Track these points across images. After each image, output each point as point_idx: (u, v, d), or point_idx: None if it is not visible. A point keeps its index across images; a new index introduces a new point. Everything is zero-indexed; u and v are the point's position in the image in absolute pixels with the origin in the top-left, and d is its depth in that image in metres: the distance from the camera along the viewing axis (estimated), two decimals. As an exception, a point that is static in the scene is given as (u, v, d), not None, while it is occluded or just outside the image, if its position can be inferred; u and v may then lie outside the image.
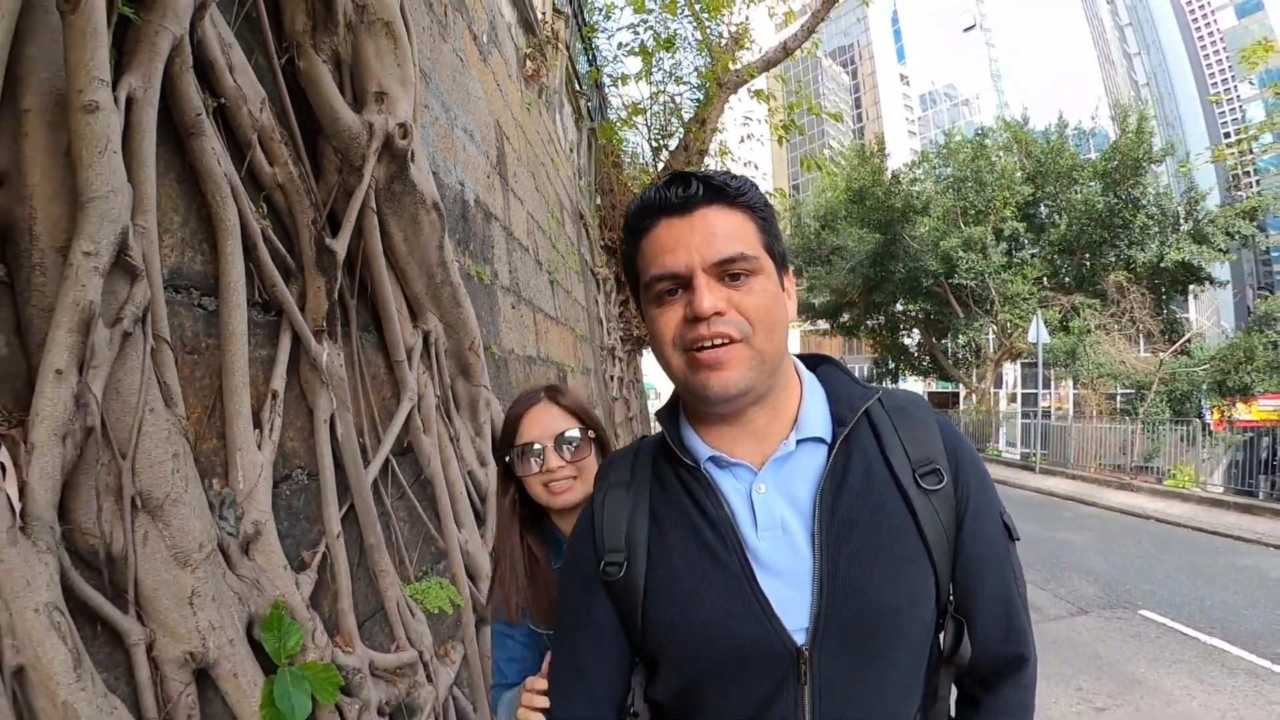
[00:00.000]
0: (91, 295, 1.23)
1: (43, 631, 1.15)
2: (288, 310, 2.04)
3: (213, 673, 1.54)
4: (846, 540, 1.06)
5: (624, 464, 1.26)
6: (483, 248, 4.78)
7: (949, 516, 1.12)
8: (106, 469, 1.32)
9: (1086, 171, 24.13)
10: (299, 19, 2.21)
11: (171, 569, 1.42)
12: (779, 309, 1.10)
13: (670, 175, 1.11)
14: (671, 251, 1.07)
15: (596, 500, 1.24)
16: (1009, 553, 1.20)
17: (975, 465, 1.17)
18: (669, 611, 1.10)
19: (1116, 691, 5.96)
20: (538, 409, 1.72)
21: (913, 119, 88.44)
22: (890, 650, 1.07)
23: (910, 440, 1.14)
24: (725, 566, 1.08)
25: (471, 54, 5.09)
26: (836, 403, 1.17)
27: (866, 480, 1.10)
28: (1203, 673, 6.26)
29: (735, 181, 1.10)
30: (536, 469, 1.66)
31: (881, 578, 1.05)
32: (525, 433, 1.69)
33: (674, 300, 1.09)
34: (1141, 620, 7.68)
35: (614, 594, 1.16)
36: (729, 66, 12.67)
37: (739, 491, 1.12)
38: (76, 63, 1.24)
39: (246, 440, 1.76)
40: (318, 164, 2.27)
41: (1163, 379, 20.47)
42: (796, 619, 1.05)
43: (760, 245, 1.10)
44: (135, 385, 1.35)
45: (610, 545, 1.16)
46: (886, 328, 33.20)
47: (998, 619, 1.17)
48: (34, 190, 1.28)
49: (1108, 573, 9.60)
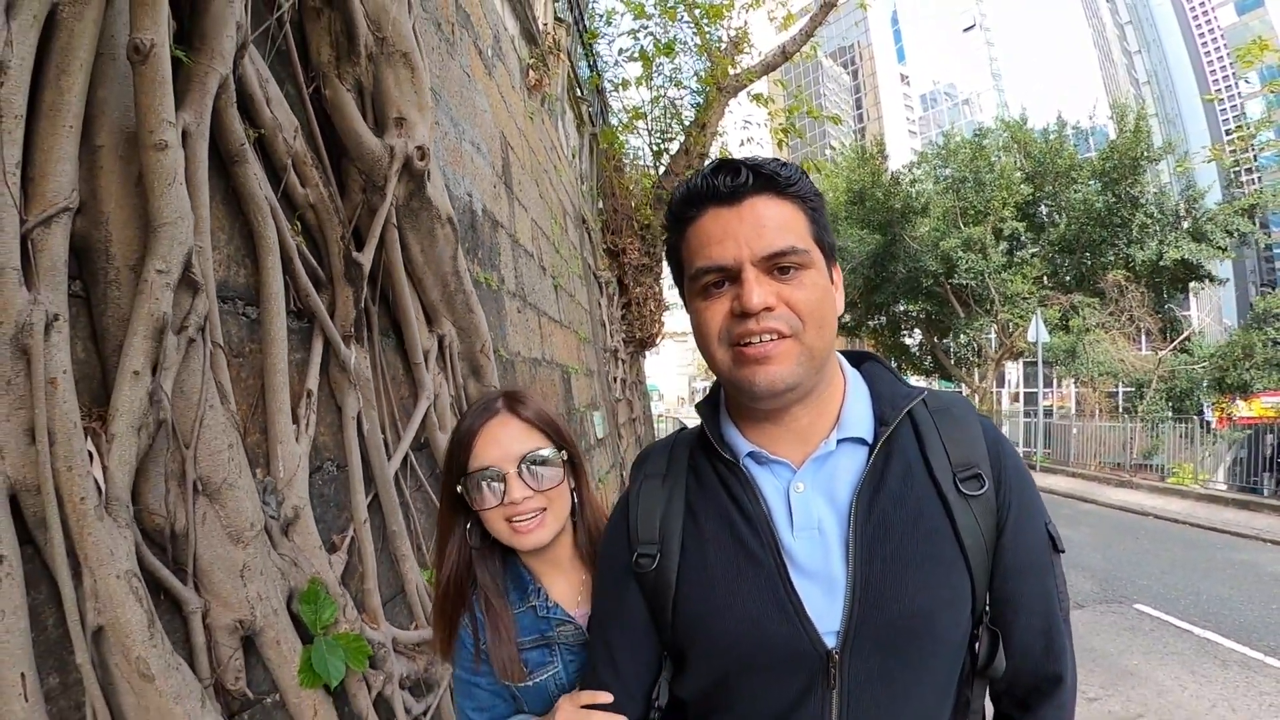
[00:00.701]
0: (164, 307, 1.43)
1: (123, 595, 1.34)
2: (319, 318, 2.24)
3: (258, 640, 1.73)
4: (882, 544, 1.05)
5: (660, 455, 1.24)
6: (490, 255, 4.98)
7: (989, 523, 1.09)
8: (172, 457, 1.53)
9: (1085, 171, 24.26)
10: (324, 51, 2.41)
11: (226, 545, 1.62)
12: (829, 304, 1.08)
13: (717, 162, 1.08)
14: (719, 243, 1.04)
15: (632, 491, 1.22)
16: (1052, 565, 1.16)
17: (1019, 471, 1.15)
18: (700, 607, 1.09)
19: (1109, 682, 6.10)
20: (495, 424, 1.43)
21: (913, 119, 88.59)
22: (922, 657, 1.06)
23: (952, 443, 1.11)
24: (759, 564, 1.07)
25: (477, 68, 5.29)
26: (880, 402, 1.15)
27: (905, 483, 1.08)
28: (1195, 664, 6.39)
29: (786, 170, 1.06)
30: (496, 500, 1.38)
31: (916, 583, 1.04)
32: (481, 454, 1.40)
33: (720, 293, 1.06)
34: (1136, 614, 7.82)
35: (644, 586, 1.15)
36: (728, 71, 12.75)
37: (777, 489, 1.11)
38: (146, 107, 1.44)
39: (286, 434, 1.97)
40: (344, 184, 2.47)
41: (1162, 376, 20.62)
42: (828, 621, 1.04)
43: (811, 237, 1.07)
44: (197, 385, 1.56)
45: (644, 537, 1.15)
46: (888, 328, 33.26)
47: (1036, 634, 1.13)
48: (109, 216, 1.48)
49: (1104, 568, 9.74)
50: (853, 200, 30.13)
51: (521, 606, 1.46)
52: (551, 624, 1.44)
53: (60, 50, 1.35)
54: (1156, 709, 5.59)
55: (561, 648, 1.44)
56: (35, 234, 1.27)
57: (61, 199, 1.31)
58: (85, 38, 1.36)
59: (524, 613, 1.46)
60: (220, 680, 1.64)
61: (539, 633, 1.44)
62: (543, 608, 1.45)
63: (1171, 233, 23.00)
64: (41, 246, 1.28)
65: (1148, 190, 23.42)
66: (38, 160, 1.30)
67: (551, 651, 1.44)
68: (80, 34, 1.35)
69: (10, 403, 1.22)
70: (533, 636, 1.44)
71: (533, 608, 1.45)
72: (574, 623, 1.44)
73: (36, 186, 1.29)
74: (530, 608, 1.46)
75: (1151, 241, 23.00)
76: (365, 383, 2.47)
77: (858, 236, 29.18)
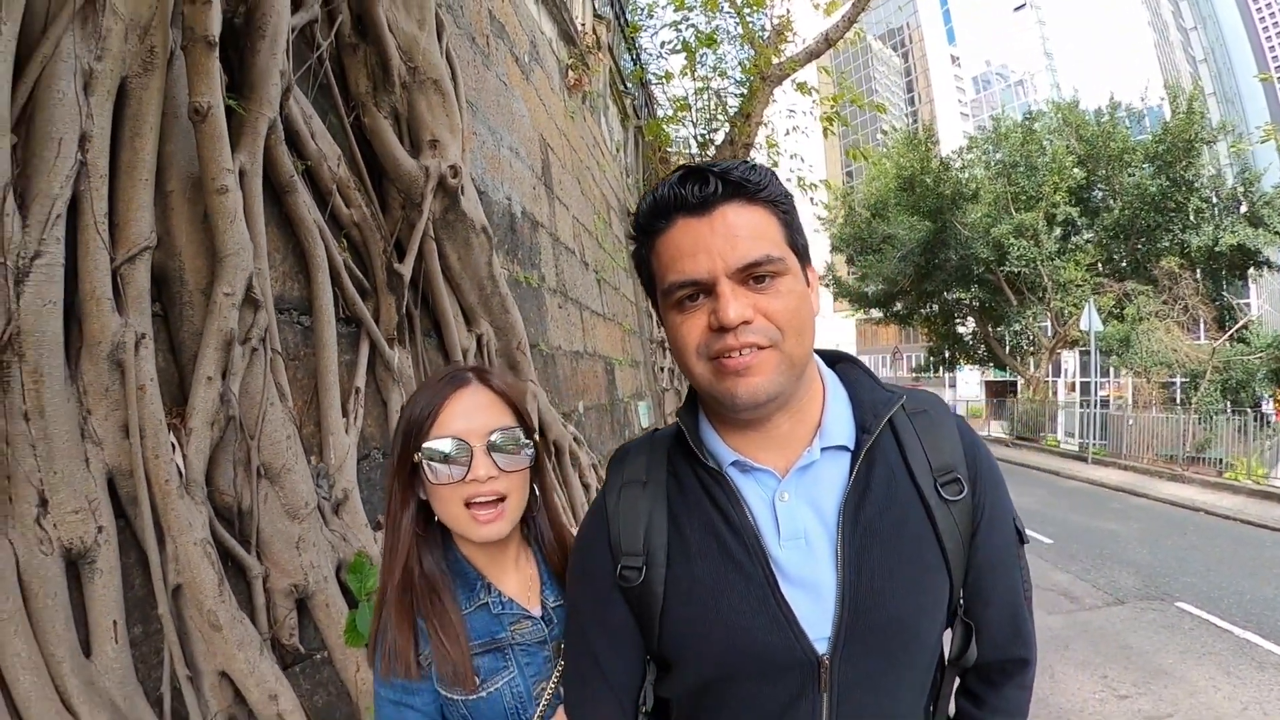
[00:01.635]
0: (231, 324, 1.73)
1: (198, 559, 1.65)
2: (365, 324, 2.54)
3: (309, 603, 2.03)
4: (869, 552, 1.05)
5: (638, 459, 1.21)
6: (530, 255, 5.26)
7: (966, 525, 1.11)
8: (239, 446, 1.83)
9: (1138, 154, 23.47)
10: (362, 82, 2.70)
11: (284, 521, 1.92)
12: (806, 309, 1.06)
13: (684, 170, 1.04)
14: (691, 256, 1.02)
15: (610, 498, 1.18)
16: (1019, 558, 1.20)
17: (992, 472, 1.17)
18: (689, 618, 1.08)
19: (1141, 681, 5.96)
20: (465, 393, 1.30)
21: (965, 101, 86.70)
22: (907, 656, 1.09)
23: (932, 447, 1.12)
24: (748, 575, 1.06)
25: (514, 75, 5.56)
26: (860, 409, 1.14)
27: (889, 490, 1.09)
28: (1231, 665, 6.19)
29: (755, 174, 1.03)
30: (456, 477, 1.24)
31: (902, 589, 1.06)
32: (447, 424, 1.26)
33: (696, 307, 1.03)
34: (1177, 612, 7.58)
35: (630, 598, 1.13)
36: (771, 60, 12.70)
37: (762, 499, 1.10)
38: (207, 158, 1.73)
39: (336, 426, 2.26)
40: (384, 202, 2.76)
41: (1216, 367, 19.84)
42: (818, 628, 1.04)
43: (784, 242, 1.05)
44: (259, 386, 1.86)
45: (627, 548, 1.13)
46: (940, 316, 32.74)
47: (1005, 623, 1.18)
48: (182, 249, 1.79)
49: (1149, 564, 9.49)
50: (902, 187, 29.69)
51: (469, 606, 1.29)
52: (505, 623, 1.30)
53: (132, 117, 1.64)
54: (1187, 709, 5.42)
55: (516, 649, 1.30)
56: (123, 270, 1.57)
57: (143, 240, 1.61)
58: (152, 104, 1.66)
59: (473, 613, 1.29)
60: (276, 635, 1.94)
61: (490, 635, 1.29)
62: (496, 604, 1.31)
63: (1228, 217, 22.19)
64: (129, 279, 1.58)
65: (1203, 173, 22.57)
66: (120, 209, 1.60)
67: (505, 655, 1.29)
68: (148, 101, 1.65)
69: (108, 405, 1.53)
70: (482, 640, 1.28)
71: (484, 605, 1.30)
72: (533, 618, 1.32)
73: (121, 231, 1.59)
74: (481, 606, 1.30)
75: (1207, 226, 22.21)
76: (408, 379, 2.77)
77: (908, 223, 28.78)
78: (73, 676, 1.39)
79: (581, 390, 6.40)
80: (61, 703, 1.36)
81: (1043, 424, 25.11)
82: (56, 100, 1.45)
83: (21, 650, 1.30)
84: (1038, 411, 25.79)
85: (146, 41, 1.62)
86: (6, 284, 1.33)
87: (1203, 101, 22.62)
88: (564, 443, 4.43)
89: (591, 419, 6.53)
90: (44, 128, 1.44)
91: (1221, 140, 23.08)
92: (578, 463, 4.64)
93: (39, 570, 1.36)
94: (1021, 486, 17.11)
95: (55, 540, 1.40)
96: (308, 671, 2.05)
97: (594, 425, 6.58)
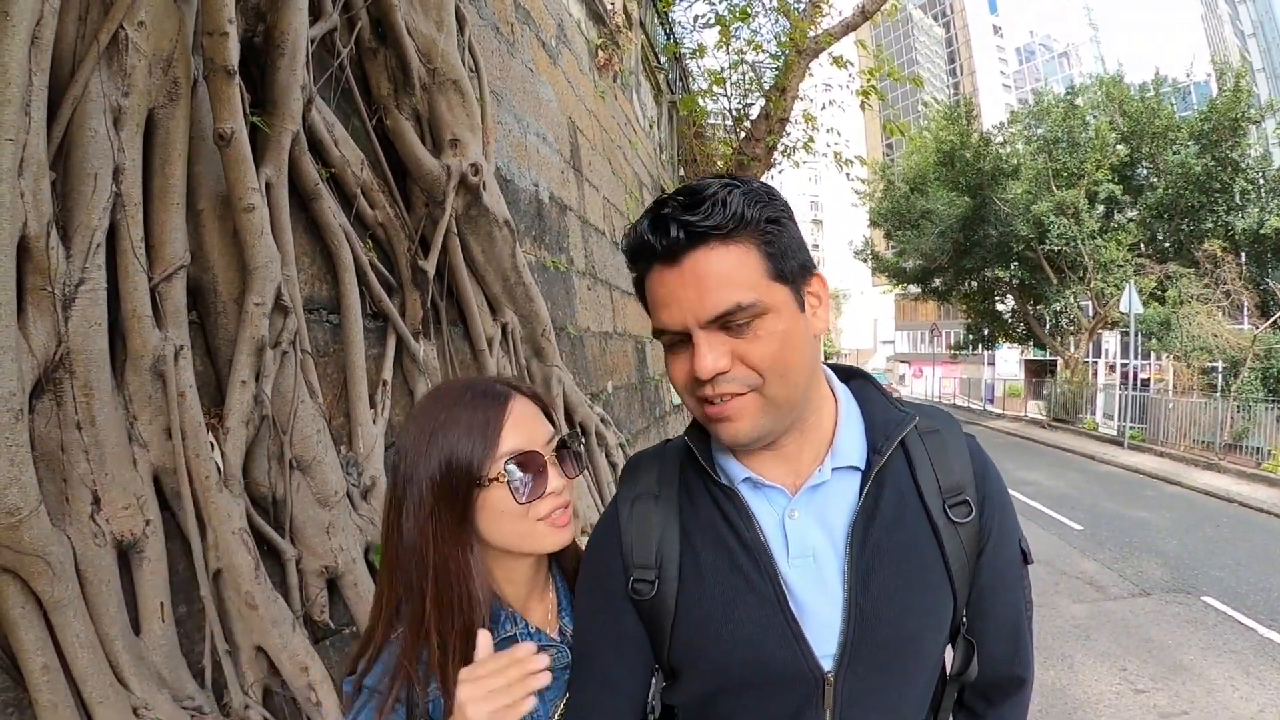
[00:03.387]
0: (263, 330, 1.88)
1: (236, 545, 1.80)
2: (392, 319, 2.68)
3: (339, 583, 2.19)
4: (876, 572, 1.07)
5: (651, 472, 1.21)
6: (558, 239, 5.37)
7: (972, 546, 1.12)
8: (272, 441, 1.98)
9: (1183, 132, 22.78)
10: (383, 85, 2.81)
11: (316, 508, 2.08)
12: (791, 346, 1.02)
13: (651, 217, 1.01)
14: (665, 307, 1.02)
15: (623, 510, 1.18)
16: (1022, 578, 1.21)
17: (1000, 492, 1.18)
18: (700, 632, 1.09)
19: (1160, 675, 6.01)
20: (515, 406, 1.22)
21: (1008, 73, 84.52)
22: (911, 674, 1.11)
23: (942, 468, 1.13)
24: (758, 591, 1.07)
25: (541, 60, 5.63)
26: (872, 429, 1.15)
27: (898, 511, 1.10)
28: (1252, 665, 6.20)
29: (723, 213, 0.96)
30: (537, 492, 1.18)
31: (908, 608, 1.07)
32: (513, 438, 1.18)
33: (682, 350, 1.04)
34: (1203, 606, 7.59)
35: (641, 610, 1.14)
36: (806, 33, 12.40)
37: (772, 516, 1.11)
38: (234, 179, 1.86)
39: (365, 417, 2.42)
40: (408, 201, 2.88)
41: (1257, 355, 19.30)
42: (824, 645, 1.06)
43: (765, 277, 1.00)
44: (290, 385, 2.01)
45: (639, 561, 1.13)
46: (979, 293, 32.38)
47: (1006, 642, 1.19)
48: (214, 263, 1.94)
49: (1178, 555, 9.43)
50: (941, 161, 29.28)
51: (495, 639, 1.18)
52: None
53: (160, 145, 1.77)
54: (1203, 708, 5.49)
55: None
56: (160, 288, 1.72)
57: (178, 260, 1.75)
58: (179, 132, 1.78)
59: (498, 645, 1.17)
60: (309, 613, 2.11)
61: None
62: (524, 634, 1.24)
63: (1274, 199, 21.55)
64: (166, 296, 1.73)
65: (1250, 153, 21.93)
66: (155, 232, 1.74)
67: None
68: (175, 130, 1.78)
69: (152, 411, 1.69)
70: None
71: (511, 637, 1.23)
72: (557, 644, 1.27)
73: (157, 252, 1.73)
74: (508, 638, 1.22)
75: (1253, 208, 21.62)
76: (433, 371, 2.91)
77: (947, 199, 28.44)
78: (124, 653, 1.55)
79: (611, 370, 6.52)
80: (115, 676, 1.52)
81: (1081, 406, 24.82)
82: (89, 138, 1.58)
83: (80, 631, 1.46)
84: (1076, 393, 25.48)
85: (170, 74, 1.74)
86: (56, 310, 1.47)
87: (1250, 78, 21.89)
88: (590, 423, 4.54)
89: (620, 398, 6.66)
90: (79, 164, 1.57)
91: (1270, 119, 22.27)
92: (604, 442, 4.76)
93: (94, 560, 1.52)
94: (1055, 470, 17.02)
95: (108, 534, 1.56)
96: (337, 645, 2.22)
97: (623, 404, 6.71)
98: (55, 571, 1.40)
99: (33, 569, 1.38)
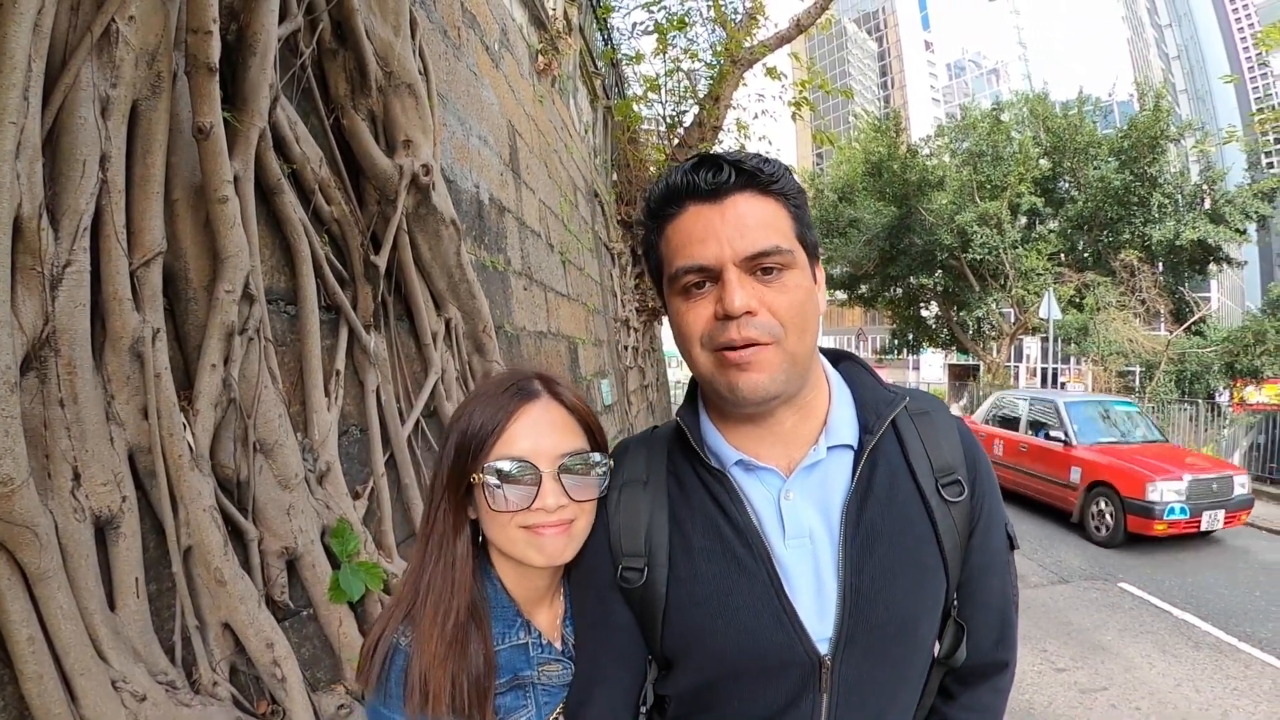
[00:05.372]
0: (232, 317, 1.96)
1: (207, 523, 1.89)
2: (344, 311, 2.76)
3: (298, 564, 2.27)
4: (871, 552, 1.06)
5: (637, 458, 1.20)
6: (496, 239, 5.46)
7: (964, 526, 1.12)
8: (237, 425, 2.06)
9: (1104, 148, 24.08)
10: (341, 86, 2.90)
11: (277, 490, 2.17)
12: (811, 306, 1.05)
13: (697, 158, 1.05)
14: (701, 242, 1.01)
15: (610, 498, 1.17)
16: (1009, 563, 1.22)
17: (990, 476, 1.18)
18: (692, 619, 1.08)
19: (1079, 655, 6.27)
20: (536, 408, 1.18)
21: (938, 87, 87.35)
22: (906, 657, 1.11)
23: (934, 448, 1.13)
24: (752, 576, 1.06)
25: (484, 64, 5.71)
26: (863, 409, 1.15)
27: (891, 490, 1.09)
28: (1168, 644, 6.52)
29: (769, 166, 1.04)
30: (522, 504, 1.13)
31: (903, 589, 1.07)
32: (511, 442, 1.14)
33: (702, 294, 1.03)
34: (1119, 592, 7.94)
35: (631, 600, 1.13)
36: (742, 44, 12.71)
37: (766, 498, 1.10)
38: (210, 171, 1.95)
39: (320, 405, 2.50)
40: (362, 198, 2.97)
41: (1171, 358, 20.46)
42: (820, 628, 1.05)
43: (794, 236, 1.05)
44: (255, 371, 2.10)
45: (628, 549, 1.12)
46: (904, 299, 33.29)
47: (993, 626, 1.19)
48: (186, 251, 2.01)
49: (1095, 547, 9.81)
50: (870, 172, 30.08)
51: (503, 644, 1.19)
52: (534, 664, 1.22)
53: (142, 136, 1.84)
54: (1122, 683, 5.77)
55: (538, 688, 1.22)
56: (139, 273, 1.80)
57: (155, 246, 1.83)
58: (160, 123, 1.86)
59: (505, 650, 1.20)
60: (269, 593, 2.18)
61: (514, 672, 1.20)
62: (535, 645, 1.23)
63: (1189, 213, 22.85)
64: (144, 281, 1.80)
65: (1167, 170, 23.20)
66: (135, 219, 1.81)
67: (525, 694, 1.21)
68: (156, 121, 1.86)
69: (129, 391, 1.77)
70: (506, 677, 1.19)
71: (524, 645, 1.22)
72: (562, 659, 1.24)
73: (137, 239, 1.81)
74: (520, 645, 1.21)
75: (1169, 221, 22.84)
76: (382, 362, 3.00)
77: (874, 208, 29.20)
78: (103, 627, 1.62)
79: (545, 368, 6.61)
80: (95, 649, 1.59)
81: (1003, 409, 25.66)
82: (79, 125, 1.65)
83: (64, 603, 1.52)
84: (998, 396, 26.36)
85: (154, 67, 1.81)
86: (44, 290, 1.54)
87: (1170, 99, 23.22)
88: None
89: (556, 398, 6.74)
90: (69, 150, 1.64)
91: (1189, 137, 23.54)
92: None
93: (74, 535, 1.58)
94: (977, 468, 17.50)
95: (87, 509, 1.62)
96: (295, 626, 2.29)
97: (558, 404, 6.79)
98: (41, 543, 1.47)
99: (21, 540, 1.44)
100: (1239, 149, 21.95)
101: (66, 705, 1.51)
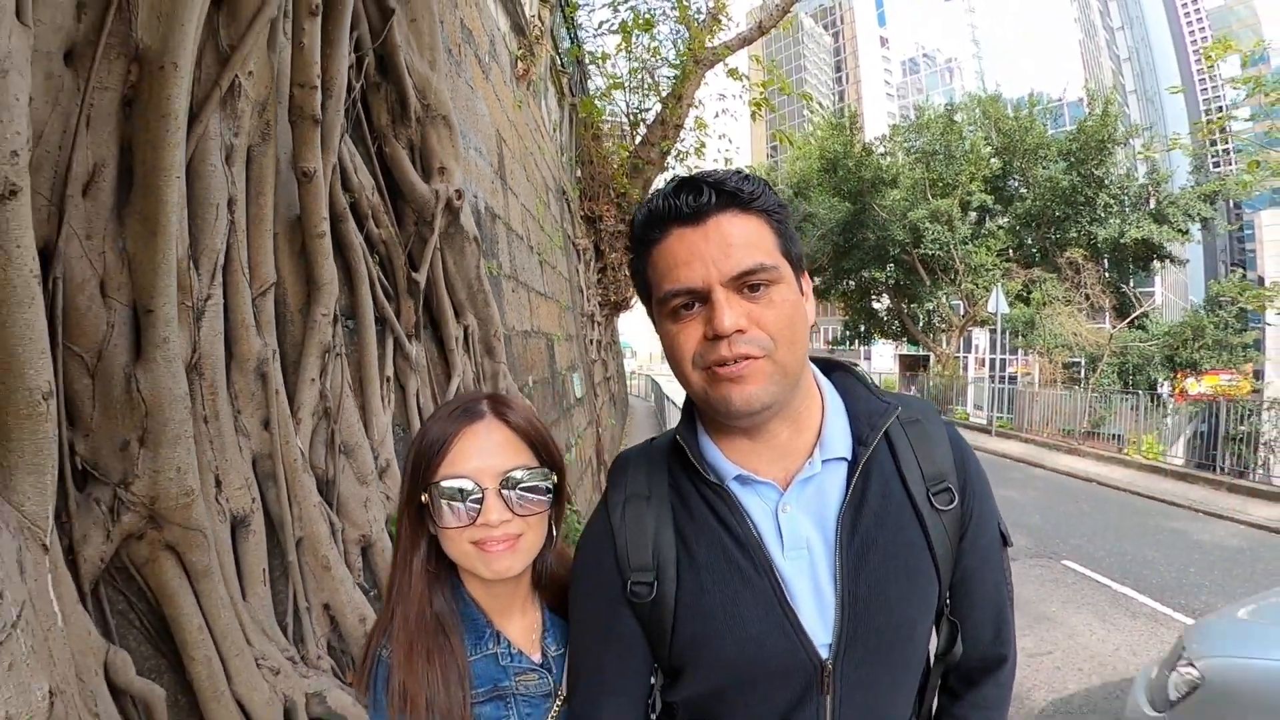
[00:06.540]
0: (327, 337, 2.24)
1: (317, 516, 2.17)
2: (390, 323, 3.03)
3: (370, 550, 2.55)
4: (866, 560, 1.08)
5: (639, 473, 1.21)
6: (490, 246, 5.68)
7: (955, 531, 1.15)
8: (326, 430, 2.32)
9: (1053, 149, 25.01)
10: (383, 116, 3.15)
11: (356, 486, 2.45)
12: (799, 319, 1.07)
13: (678, 181, 1.06)
14: (686, 265, 1.03)
15: (615, 513, 1.18)
16: (1002, 560, 1.24)
17: (980, 479, 1.21)
18: (701, 630, 1.10)
19: (1024, 625, 6.57)
20: (478, 428, 1.24)
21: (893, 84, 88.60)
22: (903, 658, 1.14)
23: (925, 457, 1.15)
24: (755, 587, 1.08)
25: (478, 77, 5.91)
26: (856, 420, 1.16)
27: (884, 500, 1.11)
28: (1108, 614, 6.94)
29: (749, 184, 1.05)
30: (465, 520, 1.19)
31: (898, 595, 1.09)
32: (457, 462, 1.20)
33: (691, 316, 1.05)
34: (1062, 569, 8.34)
35: (640, 613, 1.14)
36: (705, 43, 12.97)
37: (765, 511, 1.12)
38: (309, 209, 2.22)
39: (378, 409, 2.77)
40: (401, 220, 3.22)
41: (1114, 351, 21.45)
42: (821, 635, 1.08)
43: (778, 251, 1.06)
44: (338, 382, 2.37)
45: (636, 564, 1.13)
46: (856, 292, 33.96)
47: (989, 622, 1.23)
48: (285, 279, 2.27)
49: (1041, 527, 10.27)
50: (824, 168, 30.74)
51: (476, 654, 1.25)
52: (510, 674, 1.26)
53: (255, 178, 2.10)
54: (1065, 649, 6.13)
55: (519, 699, 1.26)
56: (257, 301, 2.06)
57: (270, 278, 2.10)
58: (269, 166, 2.13)
59: (479, 660, 1.25)
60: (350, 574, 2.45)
61: (493, 682, 1.25)
62: (505, 655, 1.27)
63: (1134, 213, 23.86)
64: (261, 309, 2.07)
65: (1113, 172, 24.19)
66: (252, 254, 2.08)
67: (507, 705, 1.25)
68: (266, 165, 2.12)
69: (254, 406, 2.03)
70: (486, 687, 1.24)
71: (493, 655, 1.27)
72: (538, 669, 1.29)
73: (254, 272, 2.08)
74: (490, 655, 1.26)
75: (1114, 220, 23.84)
76: (422, 369, 3.27)
77: (828, 204, 29.78)
78: (244, 613, 1.89)
79: (530, 365, 6.87)
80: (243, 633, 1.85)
81: (952, 398, 26.52)
82: (210, 171, 1.89)
83: (221, 595, 1.79)
84: (947, 386, 27.25)
85: (264, 116, 2.07)
86: (191, 323, 1.80)
87: (1118, 104, 24.04)
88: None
89: (538, 391, 7.02)
90: (203, 195, 1.88)
91: (1137, 139, 24.55)
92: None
93: (218, 534, 1.85)
94: (928, 457, 18.08)
95: (227, 510, 1.89)
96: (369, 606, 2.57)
97: (540, 397, 7.07)
98: (208, 543, 1.74)
99: (193, 542, 1.71)
100: (1182, 154, 22.93)
101: (225, 684, 1.77)
